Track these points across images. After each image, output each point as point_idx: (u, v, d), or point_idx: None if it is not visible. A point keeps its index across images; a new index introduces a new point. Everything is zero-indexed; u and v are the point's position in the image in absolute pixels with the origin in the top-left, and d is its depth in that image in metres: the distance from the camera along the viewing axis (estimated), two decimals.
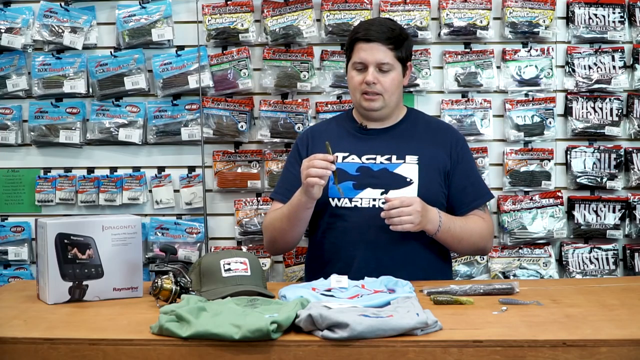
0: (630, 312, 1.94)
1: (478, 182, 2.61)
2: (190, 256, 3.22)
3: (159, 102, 3.25)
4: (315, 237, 2.58)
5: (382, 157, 2.51)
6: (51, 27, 3.21)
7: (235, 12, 3.20)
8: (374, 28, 2.49)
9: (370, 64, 2.47)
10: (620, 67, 3.19)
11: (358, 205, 2.46)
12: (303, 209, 2.41)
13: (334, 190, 2.45)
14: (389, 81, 2.49)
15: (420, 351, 1.70)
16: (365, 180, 2.48)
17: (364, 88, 2.49)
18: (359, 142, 2.56)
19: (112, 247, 2.16)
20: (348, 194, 2.46)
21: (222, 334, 1.71)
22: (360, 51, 2.49)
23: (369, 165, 2.50)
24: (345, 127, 2.62)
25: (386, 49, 2.48)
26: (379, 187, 2.46)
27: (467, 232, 2.47)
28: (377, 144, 2.53)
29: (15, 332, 1.82)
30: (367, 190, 2.47)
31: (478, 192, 2.58)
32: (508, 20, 3.17)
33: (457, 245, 2.50)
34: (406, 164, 2.49)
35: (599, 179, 3.20)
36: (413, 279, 2.21)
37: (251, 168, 3.25)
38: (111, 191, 3.25)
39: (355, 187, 2.47)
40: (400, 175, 2.48)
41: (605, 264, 3.21)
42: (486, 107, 3.20)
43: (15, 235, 3.28)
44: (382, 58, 2.47)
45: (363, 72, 2.49)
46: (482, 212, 2.57)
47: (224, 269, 2.09)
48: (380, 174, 2.48)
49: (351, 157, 2.53)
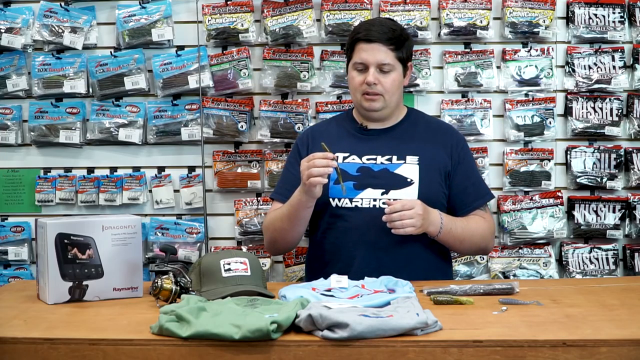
0: (630, 312, 1.94)
1: (479, 183, 2.61)
2: (190, 256, 3.22)
3: (159, 102, 3.25)
4: (315, 237, 2.58)
5: (383, 158, 2.51)
6: (51, 27, 3.21)
7: (235, 12, 3.20)
8: (375, 28, 2.49)
9: (371, 64, 2.47)
10: (620, 67, 3.19)
11: (359, 206, 2.46)
12: (303, 208, 2.41)
13: (335, 191, 2.45)
14: (390, 82, 2.49)
15: (420, 351, 1.70)
16: (365, 180, 2.48)
17: (365, 88, 2.49)
18: (360, 142, 2.56)
19: (112, 247, 2.16)
20: (349, 194, 2.46)
21: (222, 334, 1.71)
22: (361, 51, 2.48)
23: (369, 165, 2.50)
24: (346, 127, 2.61)
25: (387, 50, 2.47)
26: (379, 188, 2.46)
27: (468, 232, 2.48)
28: (378, 145, 2.53)
29: (15, 332, 1.82)
30: (367, 191, 2.47)
31: (479, 192, 2.58)
32: (508, 20, 3.17)
33: (458, 245, 2.50)
34: (407, 165, 2.49)
35: (599, 179, 3.20)
36: (414, 279, 2.21)
37: (251, 168, 3.25)
38: (111, 191, 3.25)
39: (356, 187, 2.47)
40: (401, 175, 2.47)
41: (605, 264, 3.21)
42: (486, 107, 3.20)
43: (15, 235, 3.28)
44: (383, 58, 2.47)
45: (364, 72, 2.49)
46: (483, 212, 2.57)
47: (224, 269, 2.09)
48: (381, 174, 2.48)
49: (351, 157, 2.52)
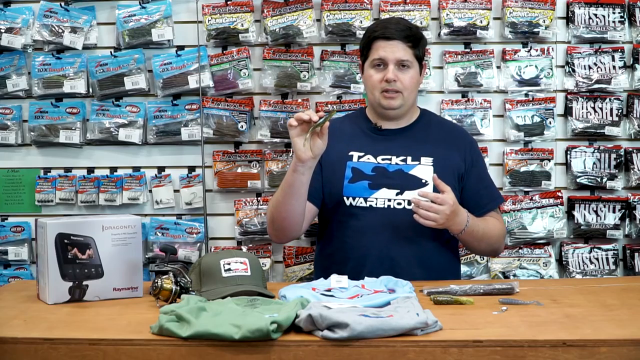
0: (630, 312, 1.94)
1: (491, 185, 2.63)
2: (190, 256, 3.22)
3: (159, 102, 3.25)
4: (326, 235, 2.58)
5: (398, 158, 2.51)
6: (51, 27, 3.21)
7: (235, 12, 3.20)
8: (392, 26, 2.49)
9: (390, 61, 2.47)
10: (620, 67, 3.19)
11: (373, 205, 2.46)
12: (294, 174, 2.30)
13: (349, 189, 2.45)
14: (409, 78, 2.49)
15: (420, 351, 1.70)
16: (380, 180, 2.47)
17: (384, 86, 2.48)
18: (374, 142, 2.55)
19: (112, 247, 2.15)
20: (362, 193, 2.45)
21: (222, 334, 1.71)
22: (380, 49, 2.48)
23: (384, 165, 2.50)
24: (360, 126, 2.61)
25: (406, 47, 2.47)
26: (394, 188, 2.46)
27: (487, 233, 2.48)
28: (392, 145, 2.53)
29: (15, 332, 1.82)
30: (382, 191, 2.46)
31: (491, 195, 2.60)
32: (508, 20, 3.17)
33: (476, 245, 2.49)
34: (421, 166, 2.49)
35: (599, 179, 3.20)
36: (427, 279, 2.22)
37: (251, 168, 3.25)
38: (111, 191, 3.25)
39: (371, 186, 2.47)
40: (416, 176, 2.47)
41: (605, 264, 3.21)
42: (486, 107, 3.21)
43: (15, 235, 3.28)
44: (402, 55, 2.47)
45: (382, 70, 2.48)
46: (497, 214, 2.59)
47: (224, 269, 2.09)
48: (396, 175, 2.48)
49: (367, 156, 2.52)
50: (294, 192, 2.35)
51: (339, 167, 2.51)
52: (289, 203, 2.38)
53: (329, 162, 2.50)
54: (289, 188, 2.35)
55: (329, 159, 2.48)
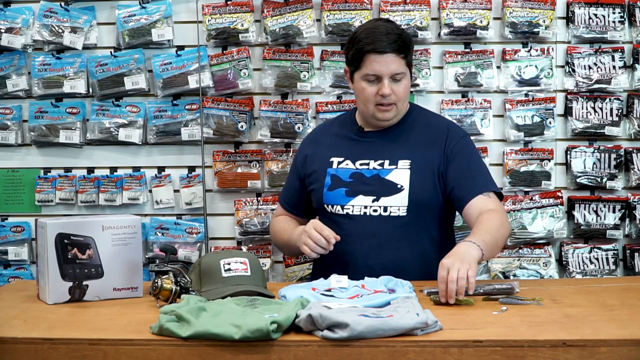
0: (630, 312, 1.94)
1: (477, 176, 2.49)
2: (190, 256, 3.22)
3: (159, 102, 3.25)
4: None
5: (375, 163, 2.49)
6: (51, 27, 3.21)
7: (235, 12, 3.20)
8: (383, 38, 2.42)
9: (385, 75, 2.43)
10: (620, 67, 3.19)
11: (350, 213, 2.46)
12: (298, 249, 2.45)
13: (329, 197, 2.49)
14: (402, 89, 2.46)
15: (420, 351, 1.70)
16: (357, 187, 2.47)
17: (379, 100, 2.45)
18: (355, 145, 2.55)
19: (112, 247, 2.16)
20: (340, 201, 2.48)
21: (222, 334, 1.71)
22: (373, 63, 2.42)
23: (362, 171, 2.49)
24: (345, 130, 2.61)
25: (399, 59, 2.44)
26: (370, 195, 2.45)
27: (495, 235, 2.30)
28: (372, 148, 2.52)
29: (15, 332, 1.82)
30: (359, 198, 2.46)
31: (475, 184, 2.45)
32: (508, 20, 3.17)
33: (498, 250, 2.42)
34: (398, 170, 2.46)
35: (599, 179, 3.20)
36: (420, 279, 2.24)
37: (251, 168, 3.25)
38: (111, 191, 3.25)
39: (347, 194, 2.47)
40: (392, 181, 2.46)
41: (605, 264, 3.21)
42: (486, 107, 3.20)
43: (15, 235, 3.28)
44: (396, 68, 2.43)
45: (376, 83, 2.45)
46: (490, 202, 2.42)
47: (224, 269, 2.09)
48: (372, 181, 2.47)
49: (346, 162, 2.52)
50: (293, 252, 2.65)
51: (321, 174, 2.54)
52: (294, 254, 2.65)
53: (313, 170, 2.57)
54: (295, 251, 2.51)
55: (313, 168, 2.57)
